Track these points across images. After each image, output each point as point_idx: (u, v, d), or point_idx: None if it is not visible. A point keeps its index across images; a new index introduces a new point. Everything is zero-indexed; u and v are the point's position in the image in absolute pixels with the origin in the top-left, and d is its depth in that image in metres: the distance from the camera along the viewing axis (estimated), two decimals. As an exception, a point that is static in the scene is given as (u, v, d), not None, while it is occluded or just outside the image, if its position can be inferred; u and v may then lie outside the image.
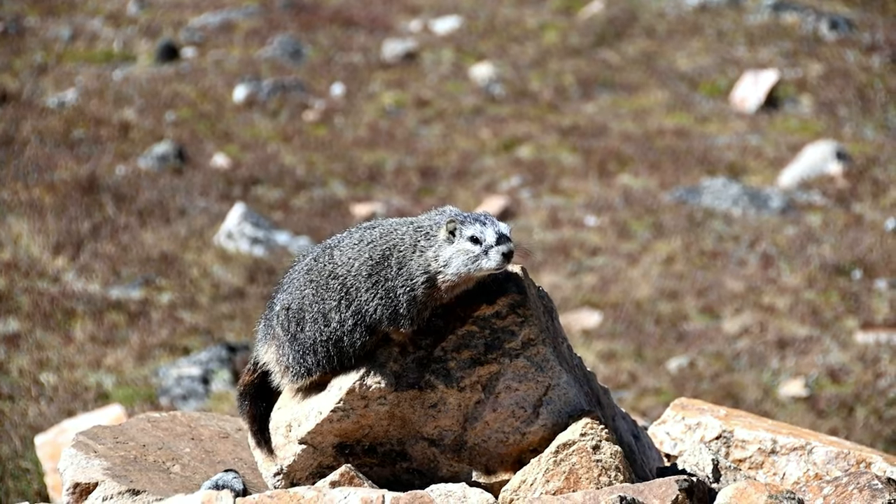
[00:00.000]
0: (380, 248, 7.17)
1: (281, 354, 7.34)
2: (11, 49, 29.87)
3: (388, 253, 7.15)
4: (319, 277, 7.25)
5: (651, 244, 22.33)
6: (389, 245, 7.17)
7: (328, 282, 7.22)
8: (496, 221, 7.09)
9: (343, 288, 7.18)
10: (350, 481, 7.05)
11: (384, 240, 7.19)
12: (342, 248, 7.26)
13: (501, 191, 24.57)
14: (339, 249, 7.27)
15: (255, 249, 21.44)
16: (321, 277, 7.24)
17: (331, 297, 7.20)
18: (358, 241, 7.25)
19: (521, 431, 7.23)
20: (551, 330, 7.42)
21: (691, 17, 32.38)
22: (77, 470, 7.53)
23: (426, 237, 7.13)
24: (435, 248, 7.07)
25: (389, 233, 7.22)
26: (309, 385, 7.35)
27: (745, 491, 6.67)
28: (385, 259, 7.15)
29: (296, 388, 7.38)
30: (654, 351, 19.13)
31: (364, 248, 7.20)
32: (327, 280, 7.22)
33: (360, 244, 7.23)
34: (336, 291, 7.19)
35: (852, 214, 23.19)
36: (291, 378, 7.33)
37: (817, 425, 17.09)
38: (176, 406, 16.92)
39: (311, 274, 7.28)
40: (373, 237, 7.23)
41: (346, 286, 7.18)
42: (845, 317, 19.90)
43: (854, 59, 29.73)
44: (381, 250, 7.17)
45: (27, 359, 17.80)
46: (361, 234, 7.29)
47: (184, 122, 26.97)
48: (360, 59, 30.55)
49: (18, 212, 21.88)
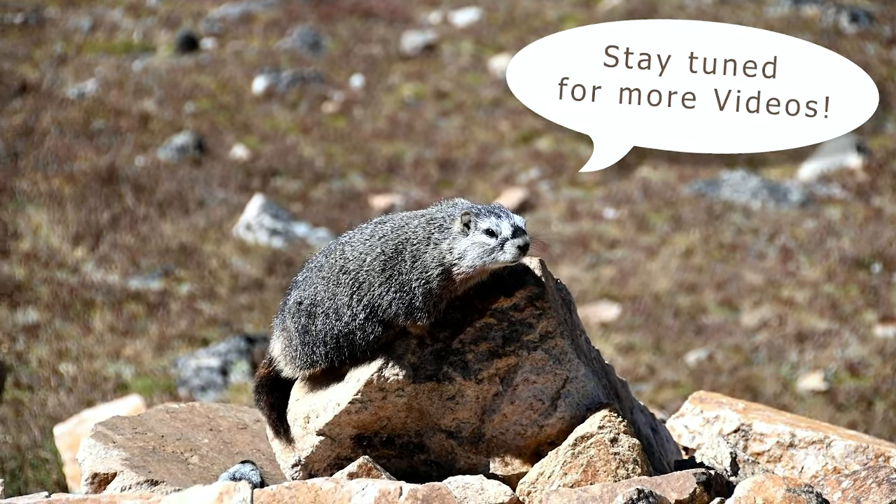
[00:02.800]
0: (392, 243, 7.16)
1: (288, 346, 7.35)
2: (32, 40, 29.94)
3: (401, 247, 7.14)
4: (331, 273, 7.25)
5: (670, 237, 22.30)
6: (402, 239, 7.15)
7: (339, 277, 7.22)
8: (511, 214, 7.07)
9: (355, 283, 7.18)
10: (368, 473, 7.06)
11: (396, 234, 7.18)
12: (353, 244, 7.26)
13: (520, 183, 24.56)
14: (350, 245, 7.27)
15: (274, 241, 21.47)
16: (332, 273, 7.24)
17: (343, 292, 7.19)
18: (370, 236, 7.25)
19: (538, 424, 7.23)
20: (569, 322, 7.41)
21: (711, 10, 32.31)
22: (96, 460, 7.55)
23: (440, 230, 7.11)
24: (449, 240, 7.06)
25: (401, 227, 7.21)
26: (311, 375, 7.36)
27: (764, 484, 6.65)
28: (398, 253, 7.13)
29: (298, 376, 7.39)
30: (672, 344, 19.11)
31: (376, 243, 7.19)
32: (338, 275, 7.22)
33: (372, 239, 7.22)
34: (348, 286, 7.19)
35: (872, 208, 23.12)
36: (294, 367, 7.34)
37: (836, 419, 17.05)
38: (194, 397, 16.96)
39: (323, 270, 7.29)
40: (384, 232, 7.22)
41: (359, 281, 7.17)
42: (864, 310, 19.85)
43: (874, 51, 29.63)
44: (393, 244, 7.15)
45: (47, 349, 17.86)
46: (373, 230, 7.28)
47: (203, 113, 27.01)
48: (379, 51, 30.55)
49: (38, 202, 21.95)
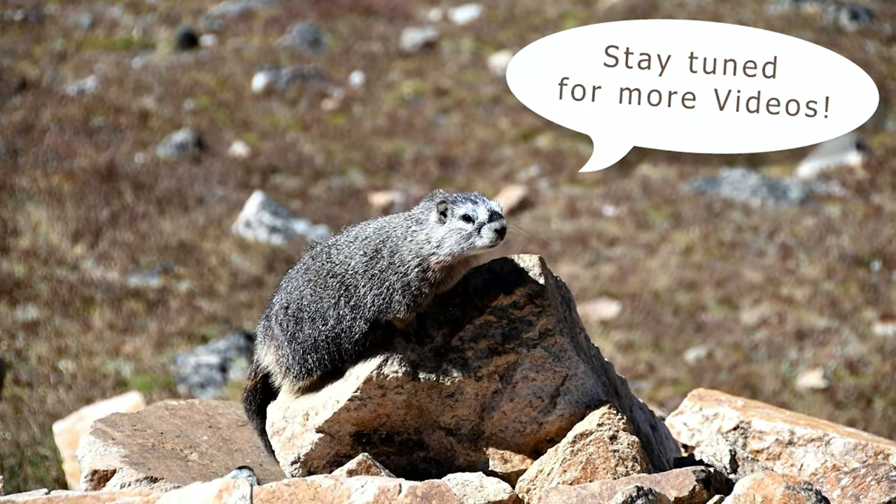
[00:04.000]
0: (374, 243, 7.17)
1: (280, 355, 7.34)
2: (31, 36, 29.93)
3: (380, 245, 7.15)
4: (317, 276, 7.24)
5: (669, 234, 22.30)
6: (383, 237, 7.17)
7: (326, 280, 7.22)
8: (487, 200, 7.08)
9: (342, 286, 7.18)
10: (367, 470, 7.06)
11: (377, 234, 7.20)
12: (339, 247, 7.26)
13: (520, 180, 24.56)
14: (336, 248, 7.27)
15: (274, 238, 21.47)
16: (319, 276, 7.24)
17: (329, 295, 7.19)
18: (354, 238, 7.26)
19: (538, 421, 7.23)
20: (569, 320, 7.42)
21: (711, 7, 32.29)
22: (95, 457, 7.55)
23: (417, 222, 7.12)
24: (427, 230, 7.06)
25: (383, 227, 7.23)
26: (309, 385, 7.36)
27: (763, 482, 6.66)
28: (378, 251, 7.14)
29: (297, 388, 7.38)
30: (672, 341, 19.11)
31: (359, 245, 7.20)
32: (325, 279, 7.22)
33: (356, 241, 7.23)
34: (335, 290, 7.18)
35: (871, 205, 23.13)
36: (293, 379, 7.33)
37: (835, 416, 17.06)
38: (194, 394, 16.96)
39: (309, 273, 7.28)
40: (367, 234, 7.23)
41: (345, 284, 7.17)
42: (864, 308, 19.85)
43: (874, 49, 29.63)
44: (374, 244, 7.17)
45: (46, 346, 17.86)
46: (357, 232, 7.30)
47: (203, 110, 27.01)
48: (379, 48, 30.54)
49: (38, 199, 21.95)
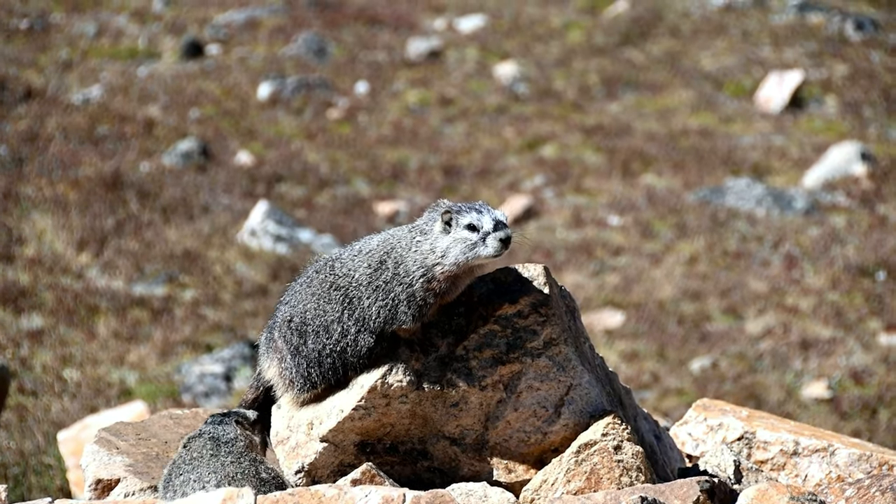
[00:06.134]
0: (378, 255, 7.18)
1: (284, 368, 7.33)
2: (37, 45, 29.98)
3: (385, 257, 7.15)
4: (321, 290, 7.24)
5: (674, 244, 22.29)
6: (387, 249, 7.17)
7: (330, 293, 7.22)
8: (492, 209, 7.08)
9: (346, 298, 7.17)
10: (371, 479, 7.06)
11: (382, 246, 7.20)
12: (343, 260, 7.27)
13: (525, 190, 24.55)
14: (339, 261, 7.28)
15: (279, 247, 21.47)
16: (322, 290, 7.24)
17: (333, 308, 7.19)
18: (358, 251, 7.26)
19: (542, 431, 7.23)
20: (573, 329, 7.41)
21: (716, 17, 32.31)
22: (99, 466, 7.55)
23: (421, 233, 7.12)
24: (431, 240, 7.06)
25: (387, 239, 7.24)
26: (312, 398, 7.36)
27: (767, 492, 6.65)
28: (382, 263, 7.14)
29: (300, 401, 7.38)
30: (676, 351, 19.09)
31: (364, 257, 7.21)
32: (329, 291, 7.22)
33: (360, 254, 7.24)
34: (338, 303, 7.18)
35: (877, 216, 23.10)
36: (296, 392, 7.33)
37: (840, 427, 17.03)
38: (198, 403, 16.95)
39: (313, 286, 7.28)
40: (371, 246, 7.24)
41: (350, 297, 7.17)
42: (869, 318, 19.82)
43: (879, 59, 29.62)
44: (378, 256, 7.17)
45: (50, 355, 17.86)
46: (361, 245, 7.31)
47: (208, 119, 27.03)
48: (384, 58, 30.57)
49: (43, 208, 21.96)
